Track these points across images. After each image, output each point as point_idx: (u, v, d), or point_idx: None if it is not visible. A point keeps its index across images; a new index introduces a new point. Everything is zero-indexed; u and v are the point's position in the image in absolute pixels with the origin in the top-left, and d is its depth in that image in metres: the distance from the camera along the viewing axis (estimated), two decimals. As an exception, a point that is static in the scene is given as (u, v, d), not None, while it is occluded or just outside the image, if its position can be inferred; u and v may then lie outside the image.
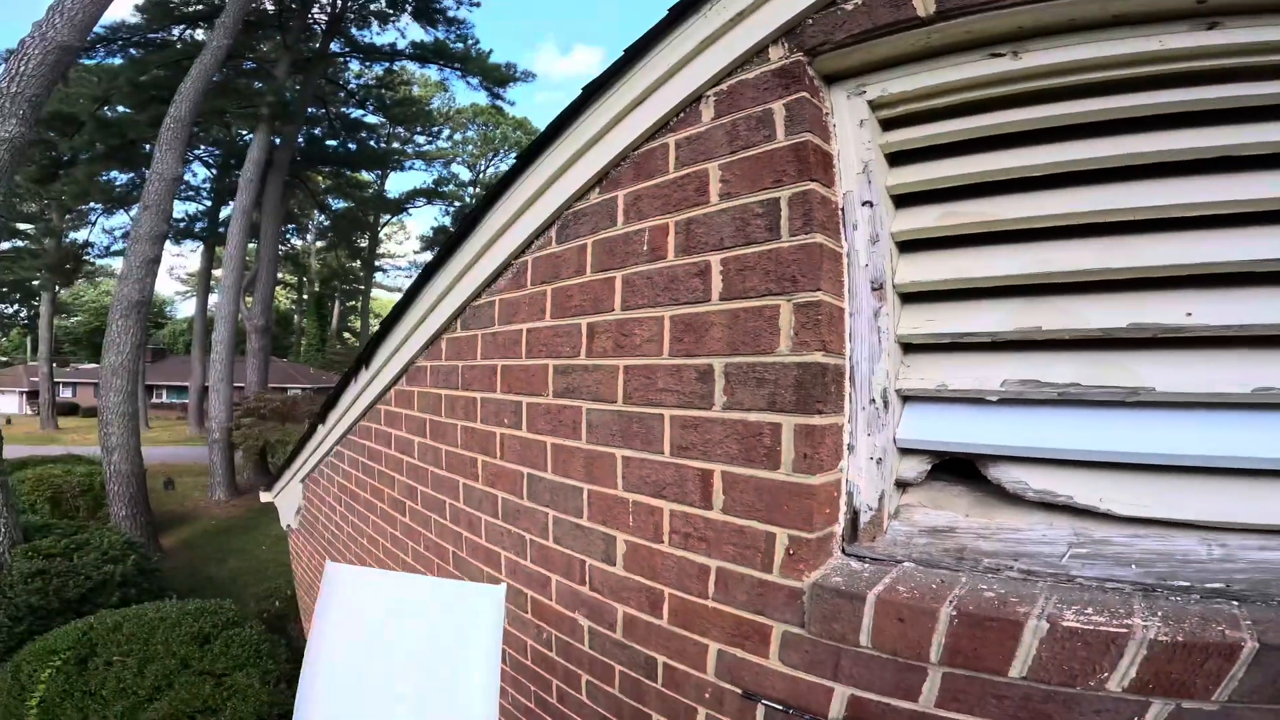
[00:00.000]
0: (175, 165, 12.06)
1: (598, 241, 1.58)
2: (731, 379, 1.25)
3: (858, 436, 1.23)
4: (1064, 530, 1.14)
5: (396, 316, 2.70)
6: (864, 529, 1.25)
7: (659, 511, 1.44)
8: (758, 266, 1.21)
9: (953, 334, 1.21)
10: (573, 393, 1.67)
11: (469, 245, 2.13)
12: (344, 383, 3.44)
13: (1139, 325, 1.05)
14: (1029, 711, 1.01)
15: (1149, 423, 1.06)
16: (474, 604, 1.05)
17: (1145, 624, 0.90)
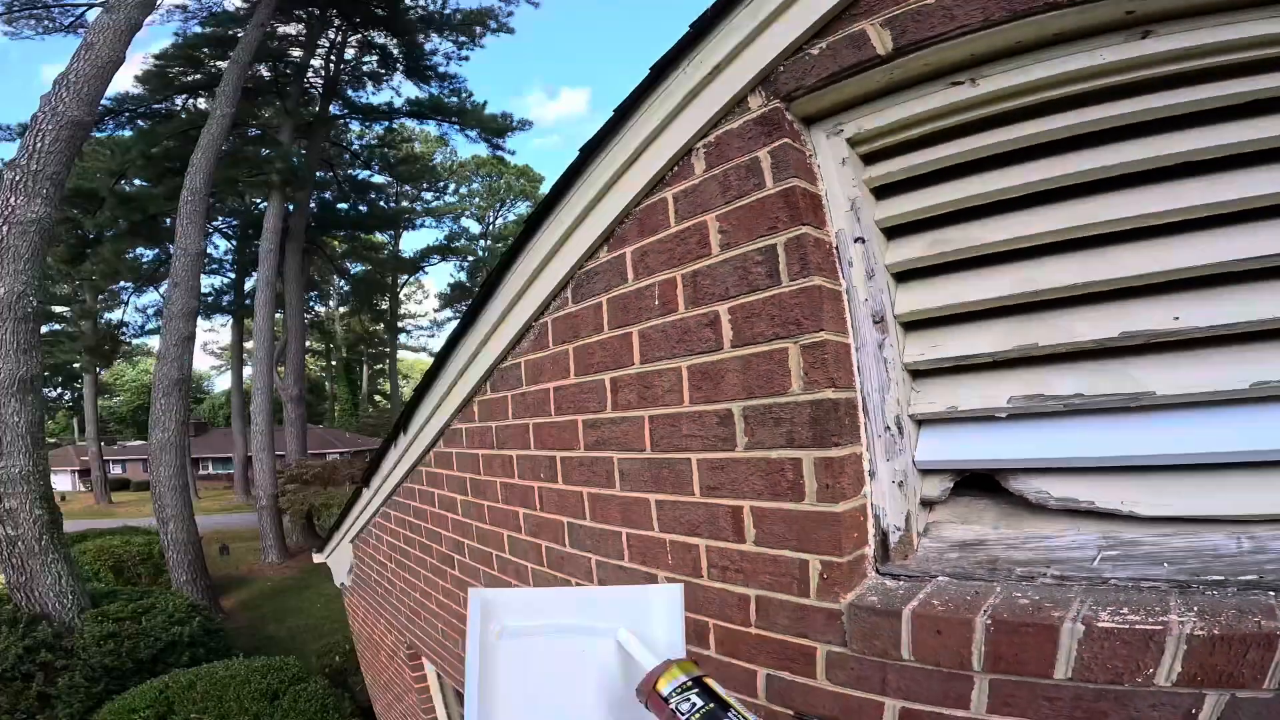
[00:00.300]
0: (197, 239, 12.22)
1: (612, 299, 1.63)
2: (750, 420, 1.31)
3: (877, 463, 1.28)
4: (1092, 535, 1.17)
5: (428, 384, 2.78)
6: (895, 548, 1.29)
7: (695, 548, 1.48)
8: (763, 313, 1.26)
9: (955, 358, 1.26)
10: (603, 445, 1.72)
11: (489, 312, 2.19)
12: (384, 448, 3.53)
13: (1129, 333, 1.08)
14: (1084, 710, 1.03)
15: (1155, 425, 1.09)
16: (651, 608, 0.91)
17: (1182, 620, 0.91)
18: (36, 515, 6.93)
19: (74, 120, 7.27)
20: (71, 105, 7.29)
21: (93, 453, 33.02)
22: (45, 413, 7.04)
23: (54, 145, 7.07)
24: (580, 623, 0.88)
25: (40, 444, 7.05)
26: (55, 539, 7.15)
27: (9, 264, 6.68)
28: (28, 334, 6.76)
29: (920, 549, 1.32)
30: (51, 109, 7.13)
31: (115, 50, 7.87)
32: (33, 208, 6.77)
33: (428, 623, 3.64)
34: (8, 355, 6.74)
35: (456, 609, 3.11)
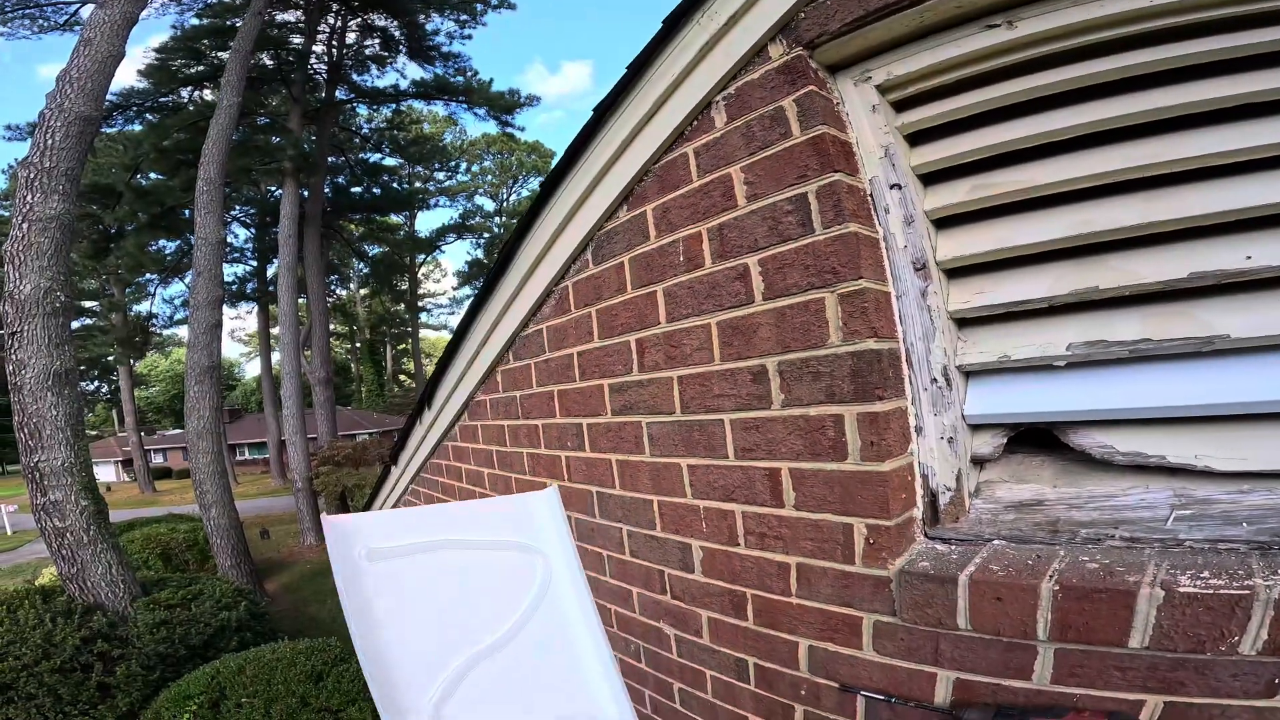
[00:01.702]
0: (216, 228, 12.35)
1: (634, 258, 1.59)
2: (786, 376, 1.24)
3: (924, 418, 1.21)
4: (1163, 493, 1.10)
5: (450, 355, 2.77)
6: (945, 510, 1.22)
7: (731, 515, 1.44)
8: (796, 263, 1.20)
9: (1006, 304, 1.18)
10: (631, 409, 1.68)
11: (508, 279, 2.17)
12: (410, 424, 3.53)
13: (1198, 274, 1.00)
14: (1159, 680, 0.98)
15: (1230, 371, 1.01)
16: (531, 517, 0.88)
17: (1268, 584, 0.85)
18: (82, 506, 7.09)
19: (82, 116, 7.31)
20: (77, 101, 7.34)
21: (133, 443, 33.99)
22: (82, 405, 7.16)
23: (65, 142, 7.13)
24: (460, 537, 0.85)
25: (80, 436, 7.19)
26: (102, 529, 7.33)
27: (33, 261, 6.76)
28: (58, 329, 6.87)
29: (972, 511, 1.25)
30: (58, 105, 7.17)
31: (114, 45, 7.90)
32: (50, 204, 6.84)
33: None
34: (40, 350, 6.85)
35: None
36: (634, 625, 1.97)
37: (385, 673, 0.76)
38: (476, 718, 0.79)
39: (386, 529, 0.84)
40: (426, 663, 0.78)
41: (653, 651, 1.94)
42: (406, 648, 0.79)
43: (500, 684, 0.81)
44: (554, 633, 0.85)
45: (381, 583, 0.80)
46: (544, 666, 0.84)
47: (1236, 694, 0.94)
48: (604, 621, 2.05)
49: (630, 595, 1.93)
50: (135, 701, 6.52)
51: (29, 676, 6.08)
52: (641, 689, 2.09)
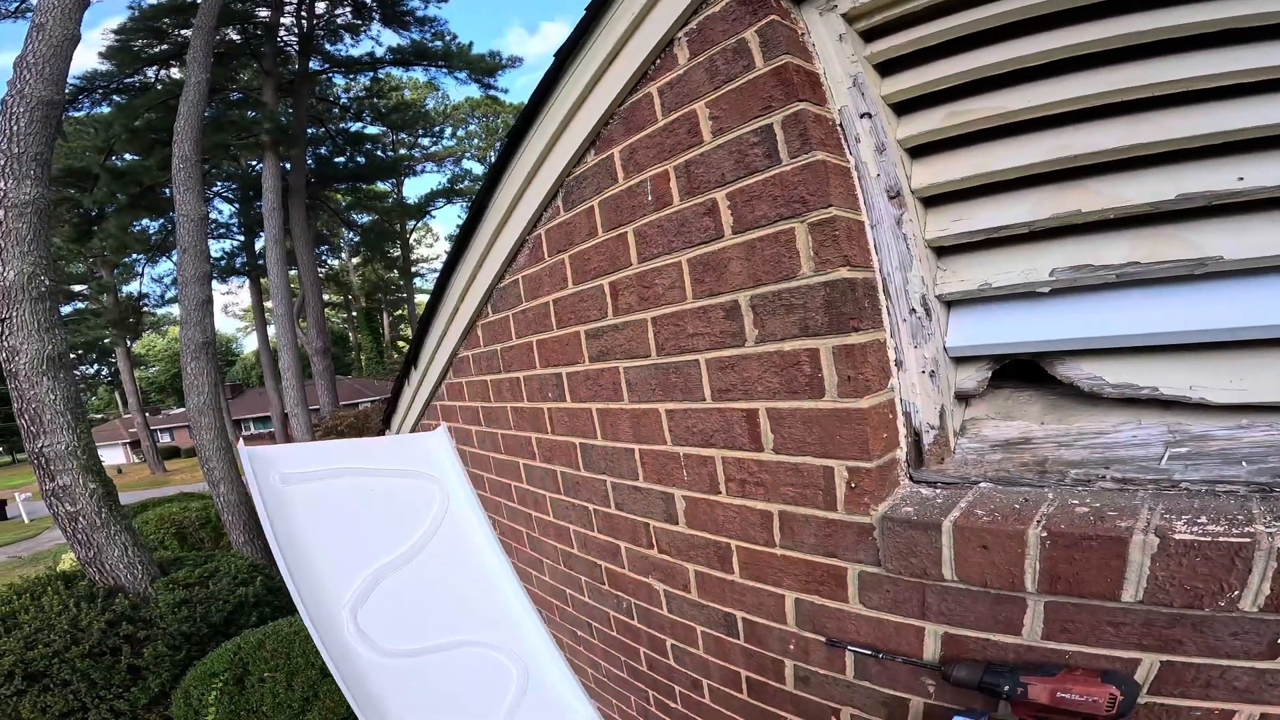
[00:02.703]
0: (197, 204, 12.30)
1: (603, 201, 1.54)
2: (759, 310, 1.20)
3: (904, 351, 1.17)
4: (1156, 428, 1.05)
5: (431, 313, 2.74)
6: (929, 451, 1.19)
7: (711, 461, 1.42)
8: (764, 194, 1.16)
9: (985, 229, 1.13)
10: (607, 354, 1.65)
11: (482, 231, 2.14)
12: (399, 385, 3.52)
13: (1187, 195, 0.95)
14: (1154, 637, 0.95)
15: (1225, 294, 0.96)
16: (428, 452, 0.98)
17: (1270, 531, 0.81)
18: (91, 489, 7.15)
19: (44, 100, 7.21)
20: (38, 86, 7.23)
21: (139, 423, 34.17)
22: (78, 388, 7.16)
23: (30, 127, 7.04)
24: (366, 465, 0.93)
25: (81, 419, 7.20)
26: (114, 511, 7.41)
27: (13, 247, 6.73)
28: (46, 313, 6.84)
29: (958, 451, 1.22)
30: (18, 92, 7.07)
31: (68, 28, 7.75)
32: (24, 190, 6.78)
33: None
34: (31, 335, 6.83)
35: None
36: (625, 582, 1.97)
37: (306, 578, 0.83)
38: (389, 622, 0.85)
39: (298, 458, 0.91)
40: (341, 571, 0.85)
41: (644, 608, 1.94)
42: (323, 557, 0.85)
43: (410, 593, 0.88)
44: (457, 550, 0.94)
45: (297, 502, 0.87)
46: (450, 579, 0.92)
47: (1237, 654, 0.90)
48: (595, 578, 2.08)
49: (619, 550, 1.92)
50: (165, 682, 6.67)
51: (60, 663, 6.24)
52: (636, 646, 2.10)
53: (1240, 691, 0.94)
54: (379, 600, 0.86)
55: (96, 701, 6.42)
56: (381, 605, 0.86)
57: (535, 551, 2.55)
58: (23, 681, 6.11)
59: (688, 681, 1.94)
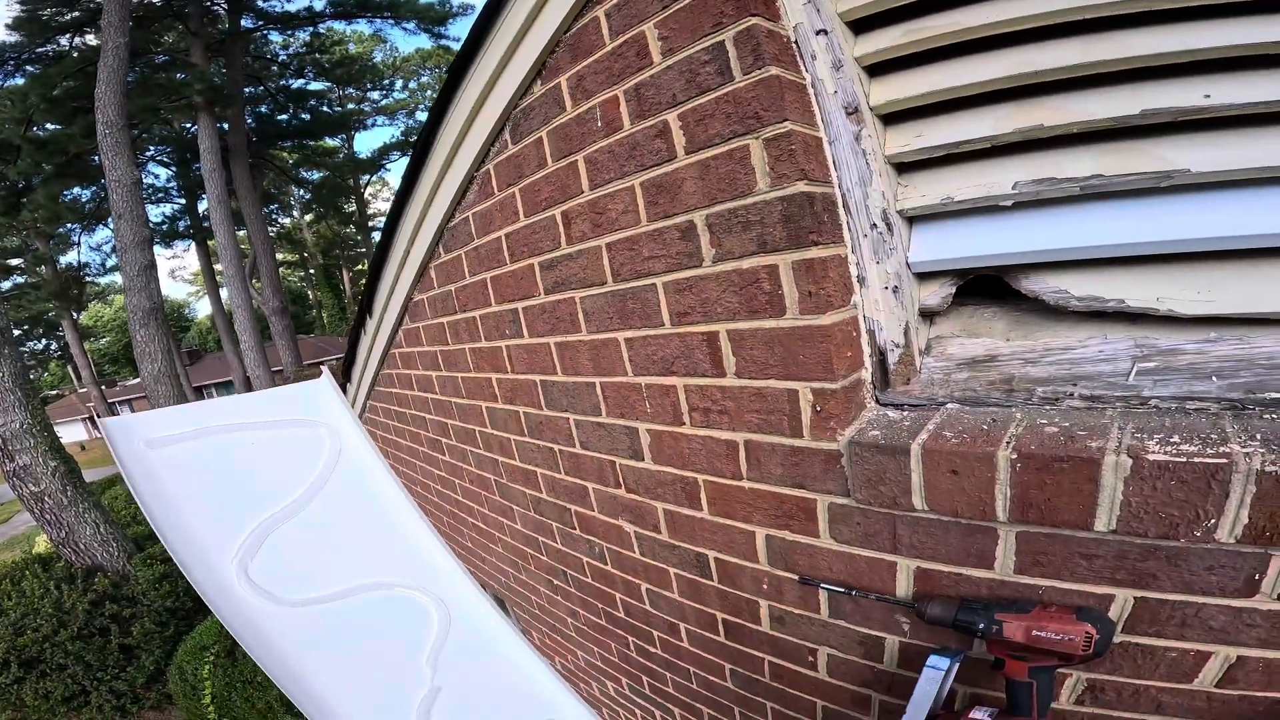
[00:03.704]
0: (129, 169, 11.98)
1: (552, 131, 1.48)
2: (715, 229, 1.16)
3: (865, 266, 1.14)
4: (1124, 343, 1.04)
5: (382, 258, 2.67)
6: (895, 371, 1.17)
7: (673, 390, 1.39)
8: (717, 112, 1.11)
9: (946, 145, 1.11)
10: (563, 285, 1.61)
11: (428, 171, 2.06)
12: (355, 336, 3.44)
13: (1152, 111, 0.93)
14: (1129, 573, 0.94)
15: (1191, 207, 0.95)
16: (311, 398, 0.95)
17: (1246, 451, 0.78)
18: (52, 467, 7.00)
19: None
20: None
21: (95, 397, 33.32)
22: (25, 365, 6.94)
23: None
24: (241, 420, 0.89)
25: (31, 395, 7.00)
26: (80, 489, 7.27)
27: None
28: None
29: (924, 370, 1.21)
30: None
31: None
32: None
33: (434, 518, 3.66)
34: (-33, 313, 6.57)
35: (456, 498, 3.10)
36: (595, 525, 1.96)
37: (185, 540, 0.80)
38: (286, 571, 0.83)
39: (164, 421, 0.86)
40: (223, 528, 0.82)
41: (616, 552, 1.93)
42: (202, 516, 0.82)
43: (306, 541, 0.85)
44: (354, 493, 0.91)
45: (166, 465, 0.83)
46: (350, 523, 0.90)
47: (1213, 590, 0.89)
48: (566, 523, 2.06)
49: (587, 492, 1.90)
50: (159, 659, 6.82)
51: (52, 647, 6.23)
52: (611, 592, 2.10)
53: (1216, 632, 0.94)
54: (271, 552, 0.83)
55: (95, 684, 6.52)
56: (275, 556, 0.83)
57: (505, 499, 2.53)
58: (19, 669, 6.12)
59: (664, 626, 1.95)
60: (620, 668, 2.47)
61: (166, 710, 7.58)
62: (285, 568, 0.83)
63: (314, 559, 0.86)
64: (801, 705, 1.66)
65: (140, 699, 7.22)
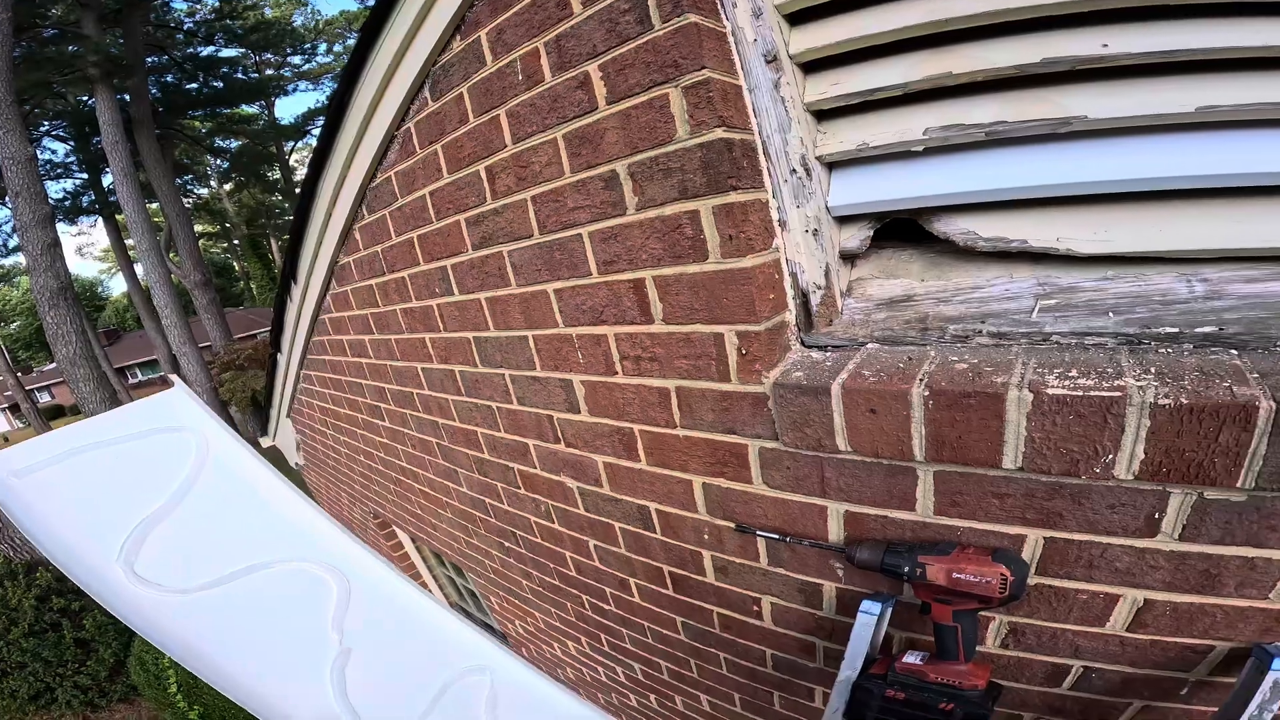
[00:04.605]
0: (22, 145, 11.35)
1: (473, 86, 1.45)
2: (637, 177, 1.17)
3: (786, 211, 1.16)
4: (1027, 281, 1.09)
5: (302, 221, 2.57)
6: (818, 312, 1.20)
7: (604, 340, 1.40)
8: (636, 62, 1.10)
9: (862, 92, 1.13)
10: (490, 240, 1.59)
11: (346, 131, 2.00)
12: (281, 304, 3.33)
13: (1051, 59, 0.96)
14: (1037, 512, 0.98)
15: (1088, 152, 0.99)
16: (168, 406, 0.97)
17: (1140, 384, 0.82)
18: (-26, 460, 6.61)
19: None
20: None
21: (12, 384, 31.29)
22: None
23: None
24: (100, 439, 0.92)
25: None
26: (6, 480, 6.89)
27: None
28: None
29: (845, 311, 1.24)
30: None
31: None
32: None
33: (381, 486, 3.63)
34: None
35: (401, 465, 3.07)
36: (539, 483, 1.97)
37: (68, 551, 0.82)
38: (174, 562, 0.86)
39: (26, 453, 0.88)
40: (103, 533, 0.85)
41: (562, 510, 1.95)
42: (78, 529, 0.85)
43: (188, 533, 0.88)
44: (230, 484, 0.93)
45: (38, 489, 0.85)
46: (231, 512, 0.92)
47: (1116, 529, 0.94)
48: (510, 483, 2.08)
49: (528, 449, 1.91)
50: (117, 651, 6.76)
51: (7, 645, 6.05)
52: (561, 550, 2.13)
53: (1122, 573, 0.99)
54: (155, 548, 0.86)
55: (58, 680, 6.47)
56: (159, 551, 0.86)
57: (449, 462, 2.51)
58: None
59: (615, 582, 1.98)
60: (579, 627, 2.51)
61: (135, 702, 7.44)
62: (171, 560, 0.86)
63: (198, 549, 0.89)
64: (752, 655, 1.72)
65: (107, 692, 7.11)
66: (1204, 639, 1.01)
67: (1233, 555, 0.90)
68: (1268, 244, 0.92)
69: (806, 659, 1.58)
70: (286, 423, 4.81)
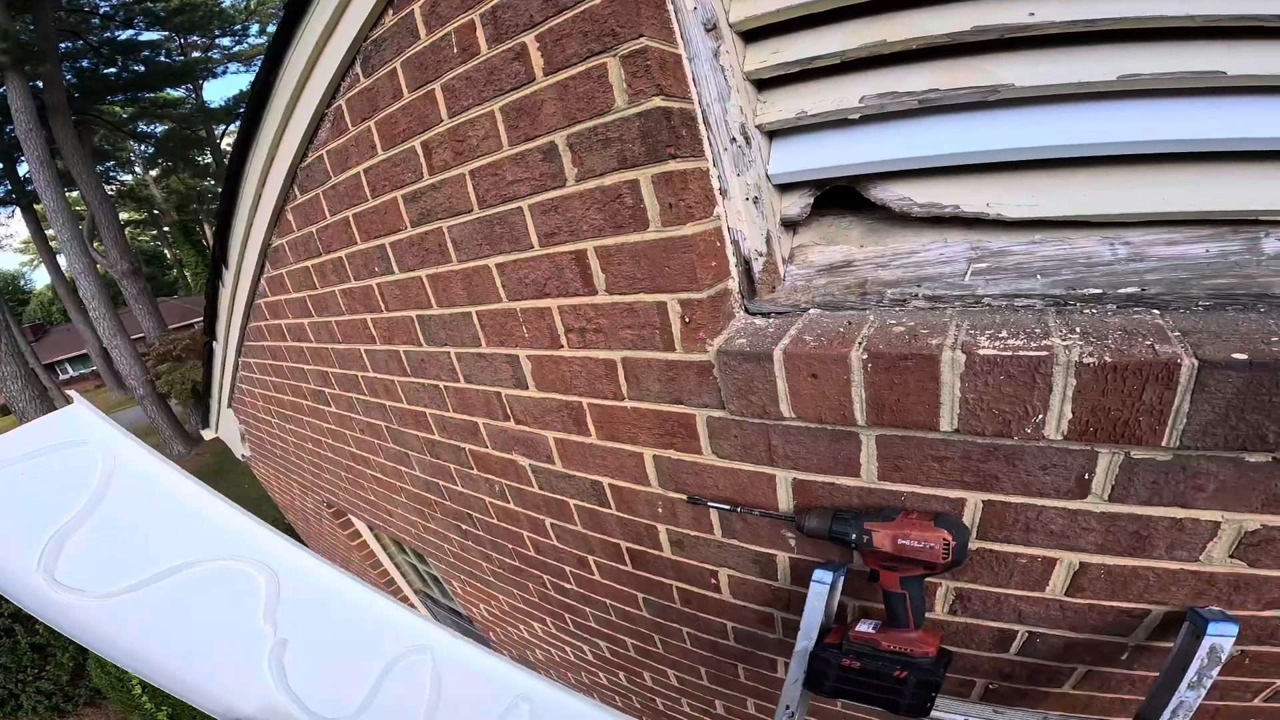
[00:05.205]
0: None
1: (406, 61, 1.41)
2: (576, 148, 1.15)
3: (727, 179, 1.17)
4: (960, 246, 1.12)
5: (231, 204, 2.48)
6: (760, 279, 1.21)
7: (548, 313, 1.39)
8: (574, 32, 1.09)
9: (800, 60, 1.13)
10: (429, 216, 1.56)
11: (273, 111, 1.93)
12: (213, 290, 3.21)
13: (981, 27, 0.98)
14: (975, 474, 1.01)
15: (1015, 119, 1.02)
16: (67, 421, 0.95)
17: (1065, 344, 0.85)
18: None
19: None
20: None
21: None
22: None
23: None
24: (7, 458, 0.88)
25: None
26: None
27: None
28: None
29: (787, 278, 1.26)
30: None
31: None
32: None
33: (332, 474, 3.55)
34: None
35: (350, 450, 3.01)
36: (491, 462, 1.96)
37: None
38: (94, 567, 0.85)
39: None
40: (17, 545, 0.83)
41: (516, 489, 1.94)
42: None
43: (105, 539, 0.87)
44: (143, 489, 0.92)
45: None
46: (147, 517, 0.91)
47: (1049, 491, 0.97)
48: (463, 463, 2.05)
49: (478, 428, 1.89)
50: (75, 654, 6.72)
51: None
52: (519, 531, 2.12)
53: (1057, 536, 1.02)
54: (72, 555, 0.85)
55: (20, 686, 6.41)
56: (78, 558, 0.85)
57: (399, 445, 2.48)
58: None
59: (574, 560, 1.98)
60: (542, 607, 2.52)
61: (102, 705, 7.29)
62: (90, 566, 0.86)
63: (117, 554, 0.88)
64: (714, 628, 1.74)
65: (71, 697, 6.98)
66: (1139, 603, 1.05)
67: (1161, 516, 0.93)
68: (1188, 207, 0.96)
69: (766, 630, 1.61)
70: (228, 413, 4.66)
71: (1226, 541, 0.93)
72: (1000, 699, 1.39)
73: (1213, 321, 0.85)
